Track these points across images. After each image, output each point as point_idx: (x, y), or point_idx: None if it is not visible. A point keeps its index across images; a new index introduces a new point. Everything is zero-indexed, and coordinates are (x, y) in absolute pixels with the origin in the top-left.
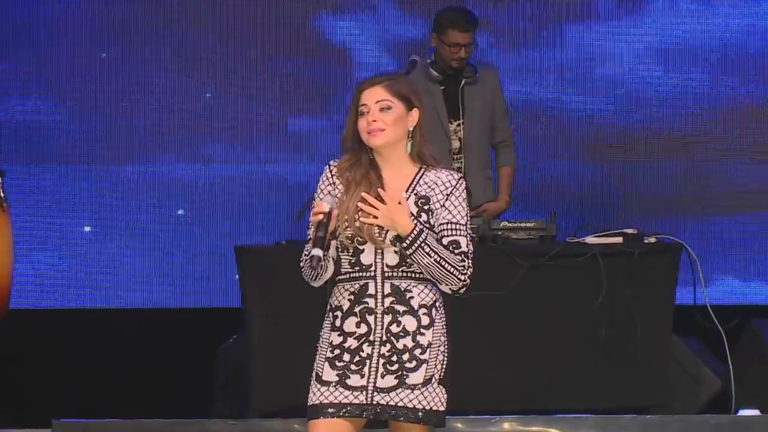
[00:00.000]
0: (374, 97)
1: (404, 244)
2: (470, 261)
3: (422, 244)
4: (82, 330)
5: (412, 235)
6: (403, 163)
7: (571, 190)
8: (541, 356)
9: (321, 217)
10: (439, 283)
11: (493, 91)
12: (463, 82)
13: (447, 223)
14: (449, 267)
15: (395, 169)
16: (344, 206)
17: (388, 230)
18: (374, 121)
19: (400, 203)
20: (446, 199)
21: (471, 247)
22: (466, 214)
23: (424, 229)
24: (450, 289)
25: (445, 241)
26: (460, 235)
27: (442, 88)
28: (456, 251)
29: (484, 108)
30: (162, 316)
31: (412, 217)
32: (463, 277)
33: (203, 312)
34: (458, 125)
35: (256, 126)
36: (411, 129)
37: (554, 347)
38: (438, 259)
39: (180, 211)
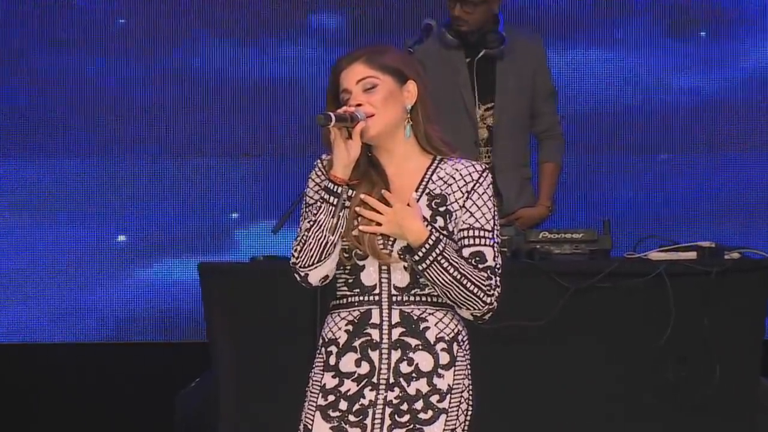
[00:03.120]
0: (354, 76)
1: (416, 257)
2: (498, 278)
3: (439, 257)
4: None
5: (427, 246)
6: (409, 154)
7: (629, 192)
8: (592, 404)
9: (351, 110)
10: (458, 306)
11: (534, 66)
12: (482, 53)
13: (468, 229)
14: (472, 286)
15: (400, 162)
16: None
17: (395, 240)
18: (360, 105)
19: (409, 205)
20: (466, 198)
21: (499, 260)
22: (493, 217)
23: (442, 237)
24: (472, 314)
25: (466, 252)
26: (485, 244)
27: (468, 60)
28: (480, 266)
29: (520, 88)
30: (105, 353)
31: (426, 223)
32: (489, 300)
33: (156, 348)
34: (487, 109)
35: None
36: (409, 107)
37: (608, 393)
38: (458, 276)
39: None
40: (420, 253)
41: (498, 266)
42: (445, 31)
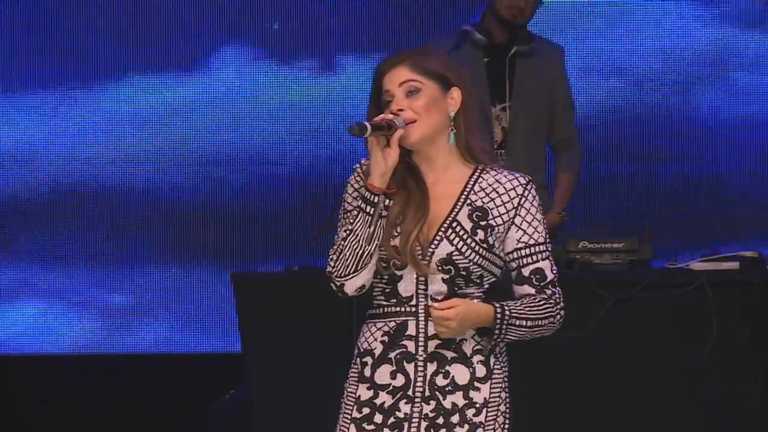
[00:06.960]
0: (397, 79)
1: (494, 336)
2: (558, 288)
3: (511, 320)
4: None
5: (497, 321)
6: (450, 162)
7: (671, 199)
8: (631, 418)
9: (389, 117)
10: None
11: (554, 73)
12: (514, 50)
13: (524, 248)
14: (545, 321)
15: (440, 171)
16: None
17: (434, 251)
18: (401, 110)
19: (455, 308)
20: (515, 215)
21: (555, 269)
22: (544, 229)
23: (504, 306)
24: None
25: (525, 271)
26: (542, 259)
27: (486, 59)
28: (542, 284)
29: (540, 92)
30: (129, 364)
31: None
32: (559, 316)
33: (188, 360)
34: (502, 109)
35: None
36: (453, 115)
37: (648, 407)
38: (531, 324)
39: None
40: (496, 332)
41: (556, 276)
42: (475, 30)
